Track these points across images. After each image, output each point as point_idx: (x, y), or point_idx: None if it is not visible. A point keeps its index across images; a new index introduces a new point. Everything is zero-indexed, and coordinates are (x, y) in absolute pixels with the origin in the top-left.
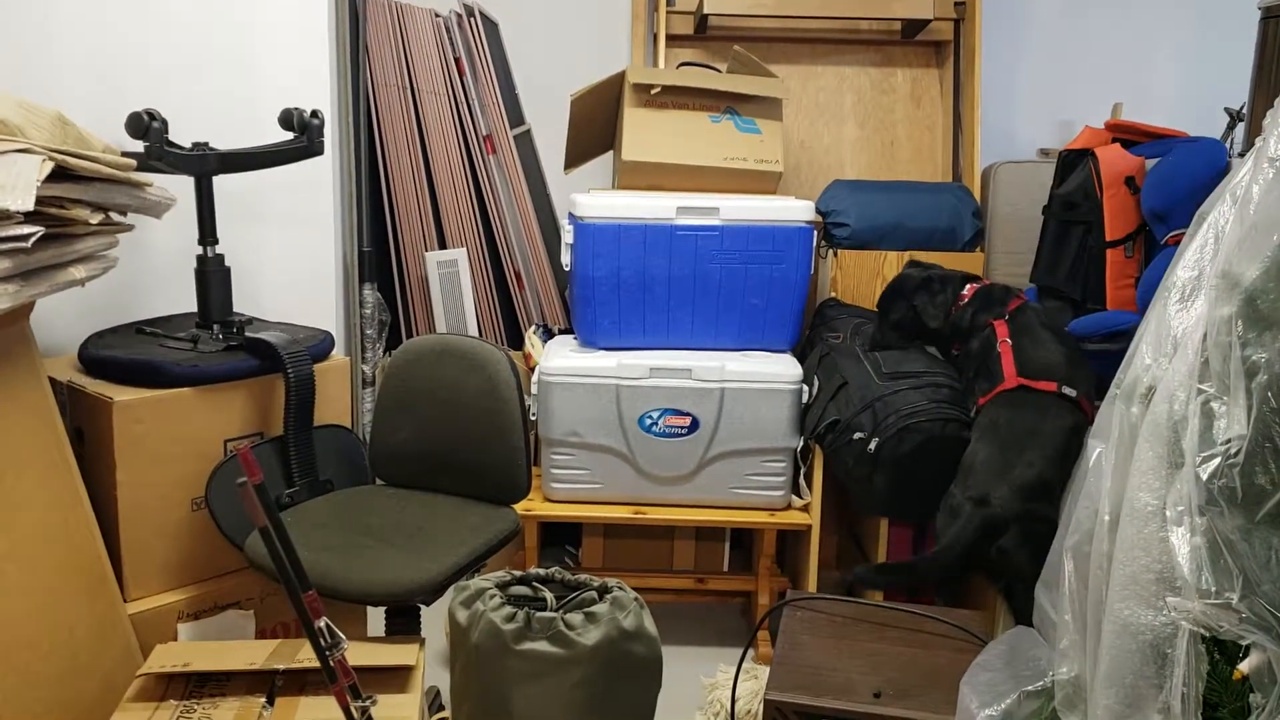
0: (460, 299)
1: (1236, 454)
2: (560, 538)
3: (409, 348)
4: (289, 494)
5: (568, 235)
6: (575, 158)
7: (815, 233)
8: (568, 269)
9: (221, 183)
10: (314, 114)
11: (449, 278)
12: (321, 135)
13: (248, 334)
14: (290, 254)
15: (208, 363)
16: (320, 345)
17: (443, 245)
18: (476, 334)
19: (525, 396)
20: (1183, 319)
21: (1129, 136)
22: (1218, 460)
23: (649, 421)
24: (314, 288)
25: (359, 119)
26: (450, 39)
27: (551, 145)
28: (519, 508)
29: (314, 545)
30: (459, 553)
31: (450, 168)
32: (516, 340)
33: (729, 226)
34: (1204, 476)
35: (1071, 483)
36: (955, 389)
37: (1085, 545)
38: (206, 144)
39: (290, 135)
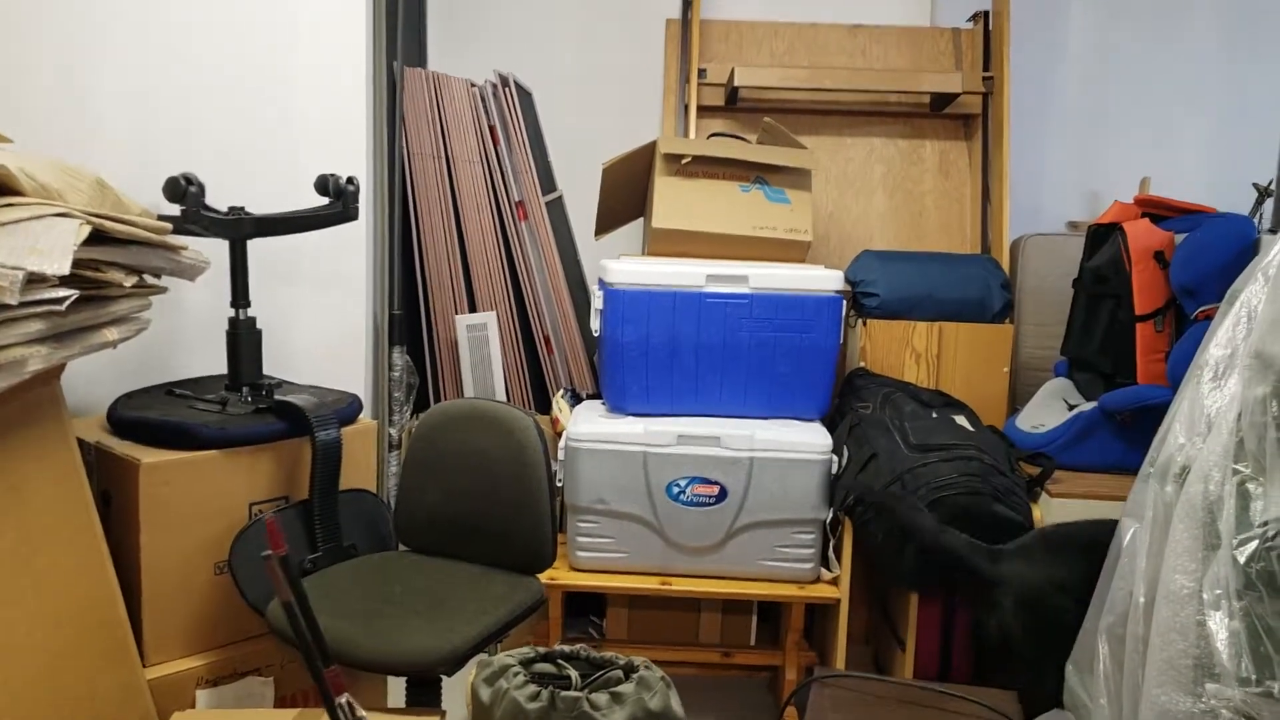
0: (489, 362)
1: (1275, 536)
2: (586, 608)
3: (436, 411)
4: (311, 559)
5: (597, 301)
6: (606, 224)
7: (844, 302)
8: (597, 334)
9: (257, 245)
10: (349, 180)
11: (478, 341)
12: (356, 201)
13: (276, 397)
14: (322, 316)
15: (235, 425)
16: (348, 409)
17: (473, 309)
18: (505, 398)
19: (552, 462)
20: (1216, 398)
21: (1157, 211)
22: (1255, 543)
23: (676, 490)
24: (344, 350)
25: (394, 185)
26: (485, 108)
27: (583, 211)
28: (543, 577)
29: (336, 612)
30: (482, 623)
31: (482, 233)
32: (544, 404)
33: (758, 295)
34: (1241, 560)
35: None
36: (984, 462)
37: (1120, 627)
38: (242, 208)
39: (325, 200)
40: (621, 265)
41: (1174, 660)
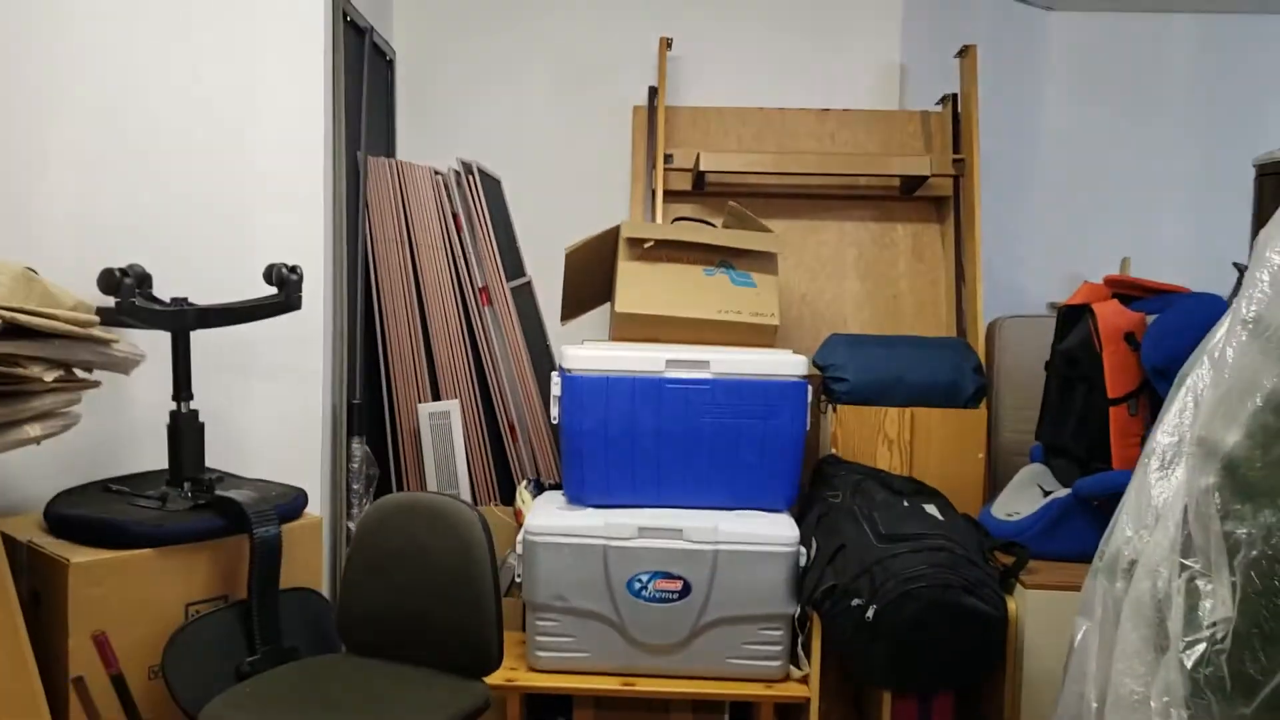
0: (452, 451)
1: (1223, 639)
2: (553, 709)
3: (379, 506)
4: (250, 662)
5: (556, 388)
6: (572, 309)
7: (810, 387)
8: (554, 423)
9: (211, 336)
10: (292, 269)
11: (441, 430)
12: (299, 290)
13: (216, 492)
14: (277, 407)
15: (172, 522)
16: (292, 503)
17: (437, 397)
18: (469, 488)
19: (500, 559)
20: (1163, 488)
21: (1128, 291)
22: (1203, 646)
23: (638, 585)
24: (300, 441)
25: (356, 273)
26: (449, 195)
27: (552, 297)
28: (500, 678)
29: (266, 718)
30: None
31: (445, 319)
32: (510, 495)
33: (720, 380)
34: (1189, 664)
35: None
36: (955, 553)
37: None
38: (185, 299)
39: (273, 290)
40: (579, 351)
41: None
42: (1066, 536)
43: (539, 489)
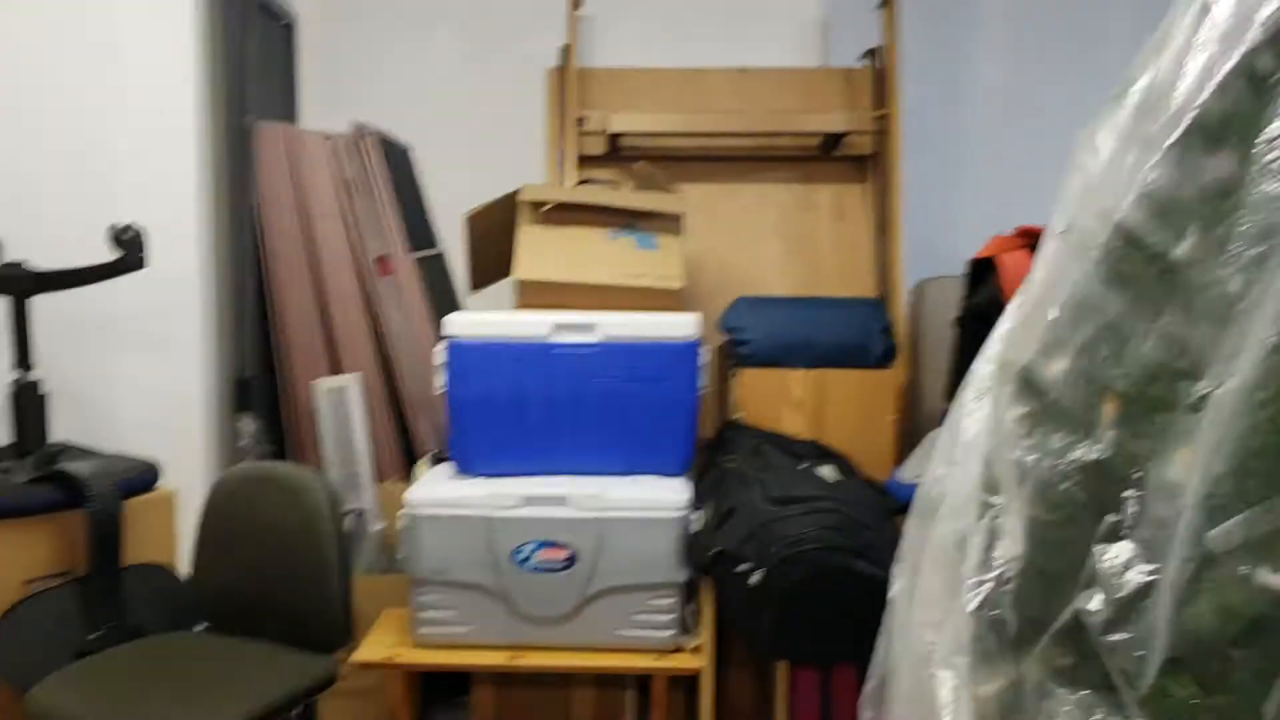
0: (349, 428)
1: (1010, 580)
2: (452, 687)
3: (227, 479)
4: (89, 641)
5: (439, 356)
6: (482, 277)
7: (702, 348)
8: (440, 392)
9: (78, 305)
10: (126, 229)
11: (338, 405)
12: (139, 250)
13: (58, 465)
14: (151, 380)
15: (7, 495)
16: (140, 477)
17: (335, 371)
18: (369, 464)
19: (344, 529)
20: (974, 421)
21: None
22: (989, 587)
23: (523, 556)
24: (177, 417)
25: (245, 242)
26: (340, 160)
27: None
28: (381, 656)
29: (100, 698)
30: (241, 710)
31: (343, 291)
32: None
33: (608, 344)
34: (970, 607)
35: None
36: (847, 515)
37: (878, 693)
38: (20, 263)
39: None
40: (462, 317)
41: None
42: None
43: (440, 464)
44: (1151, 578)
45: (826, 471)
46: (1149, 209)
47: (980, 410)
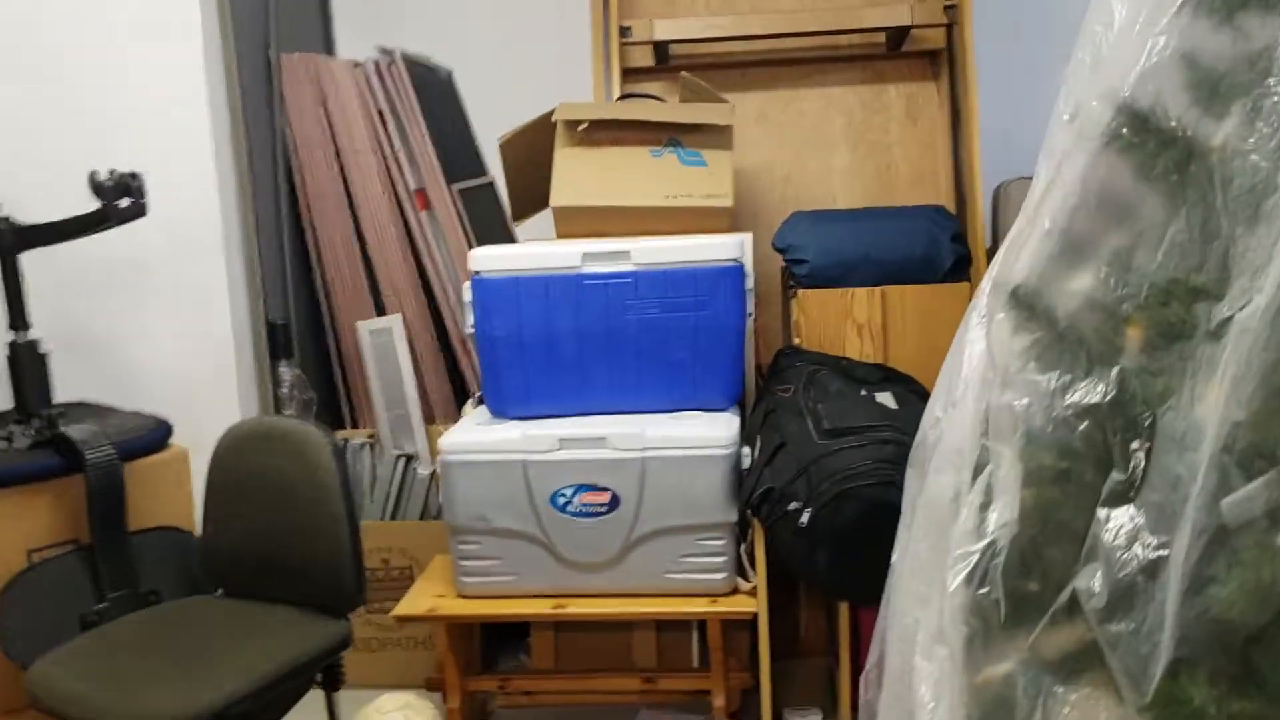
0: (398, 370)
1: (1002, 550)
2: (517, 630)
3: (232, 434)
4: (96, 610)
5: (466, 293)
6: (524, 207)
7: (747, 271)
8: (469, 332)
9: (92, 257)
10: (111, 174)
11: (383, 347)
12: (119, 198)
13: (60, 428)
14: (180, 331)
15: (7, 462)
16: (148, 436)
17: (381, 312)
18: (418, 409)
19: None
20: (977, 350)
21: None
22: (975, 559)
23: (563, 500)
24: (210, 368)
25: (275, 180)
26: (370, 90)
27: None
28: (423, 608)
29: (99, 673)
30: (244, 680)
31: (379, 228)
32: None
33: (644, 272)
34: (953, 583)
35: None
36: (906, 444)
37: (876, 672)
38: (6, 218)
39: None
40: (487, 252)
41: None
42: None
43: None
44: (1160, 553)
45: (886, 398)
46: (1164, 82)
47: (981, 338)
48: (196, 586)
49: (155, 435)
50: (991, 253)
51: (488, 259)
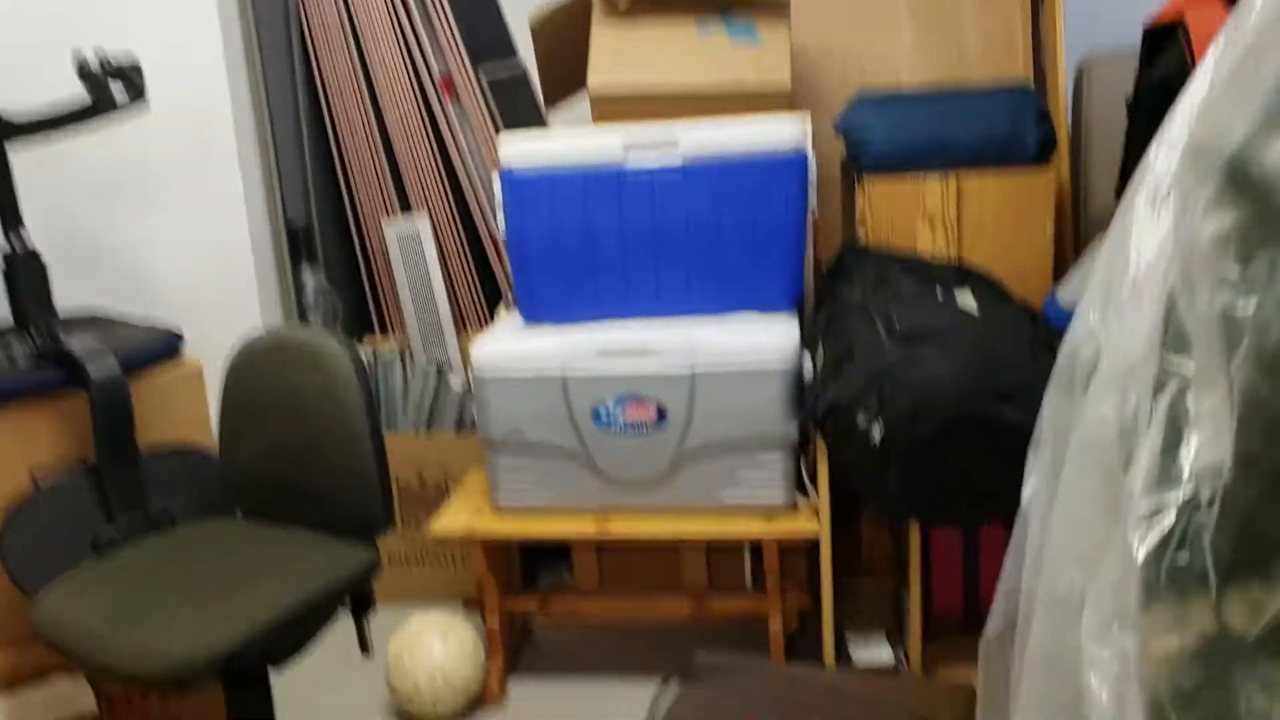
0: (426, 275)
1: (1210, 503)
2: (557, 547)
3: (246, 349)
4: (107, 534)
5: (497, 190)
6: (556, 92)
7: (810, 159)
8: (501, 231)
9: (99, 161)
10: (100, 58)
11: (411, 249)
12: (106, 85)
13: (61, 341)
14: (191, 239)
15: (3, 376)
16: (158, 348)
17: (407, 211)
18: (449, 314)
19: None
20: (1150, 242)
21: None
22: (1172, 517)
23: (605, 415)
24: (228, 274)
25: (291, 71)
26: None
27: None
28: (460, 527)
29: (108, 604)
30: (259, 615)
31: (405, 119)
32: None
33: (694, 164)
34: (1142, 551)
35: None
36: (990, 349)
37: (1003, 639)
38: None
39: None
40: (518, 145)
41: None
42: None
43: None
44: None
45: (966, 298)
46: None
47: (1159, 225)
48: (215, 508)
49: (165, 347)
50: (1075, 139)
51: (519, 152)
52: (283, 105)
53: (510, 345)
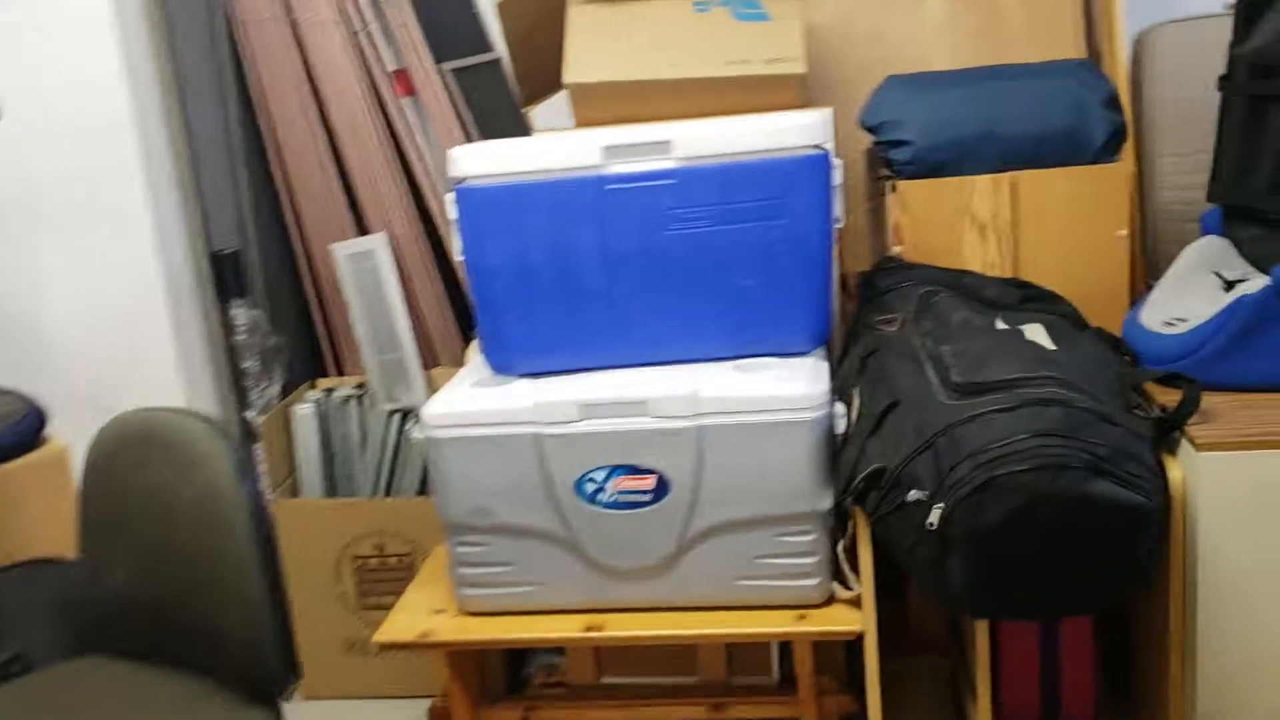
0: (384, 303)
1: None
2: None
3: (107, 434)
4: None
5: (450, 208)
6: (536, 88)
7: (834, 160)
8: (460, 258)
9: None
10: None
11: (366, 274)
12: None
13: None
14: (90, 276)
15: None
16: (7, 432)
17: (363, 232)
18: (412, 349)
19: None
20: None
21: None
22: None
23: (592, 487)
24: (134, 320)
25: (220, 70)
26: None
27: None
28: (416, 633)
29: None
30: None
31: (353, 123)
32: None
33: (691, 169)
34: None
35: None
36: (1074, 404)
37: None
38: None
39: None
40: (475, 151)
41: None
42: (1263, 354)
43: None
44: None
45: (1036, 332)
46: None
47: None
48: (80, 643)
49: (20, 430)
50: (1135, 123)
51: (476, 159)
52: (206, 110)
53: (472, 400)
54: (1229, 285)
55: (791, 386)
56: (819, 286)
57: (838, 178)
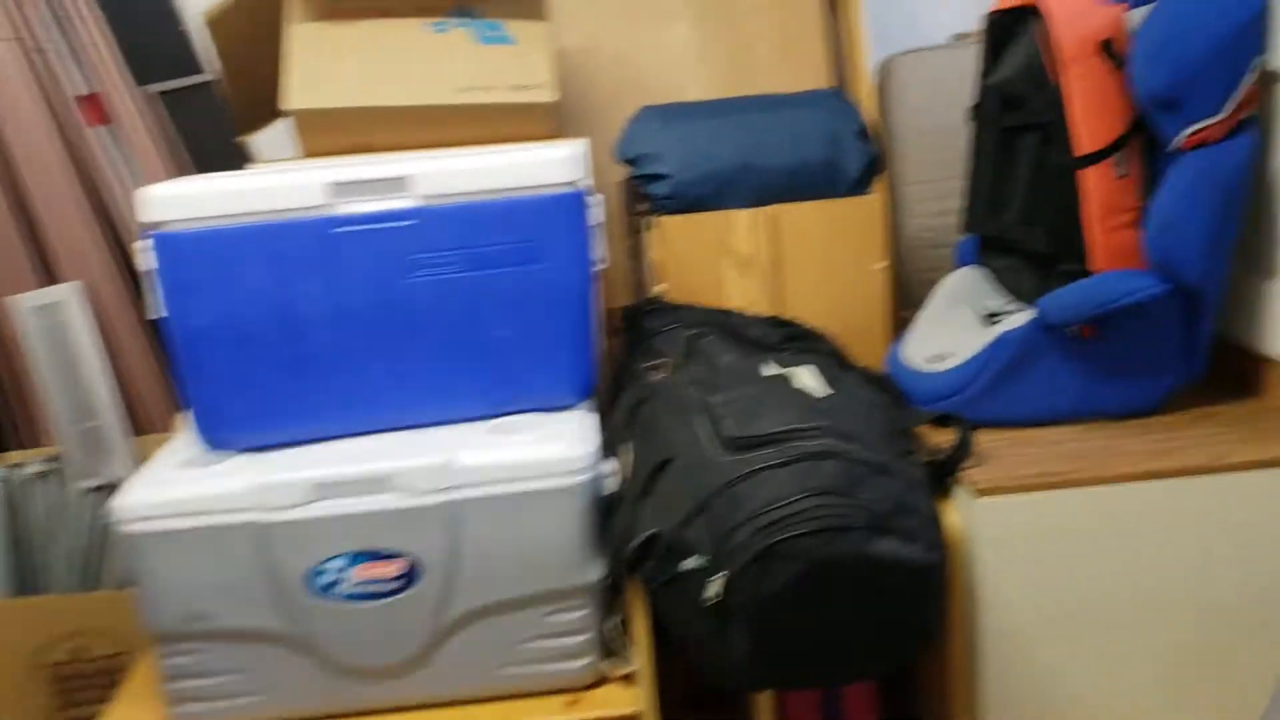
0: (76, 364)
1: None
2: None
3: None
4: None
5: (146, 258)
6: (255, 114)
7: (590, 197)
8: (160, 316)
9: None
10: None
11: (54, 329)
12: None
13: None
14: None
15: None
16: None
17: (51, 281)
18: (125, 415)
19: None
20: None
21: None
22: None
23: (327, 579)
24: None
25: None
26: None
27: None
28: None
29: None
30: None
31: (32, 154)
32: None
33: (432, 208)
34: None
35: None
36: (849, 455)
37: None
38: None
39: None
40: (170, 190)
41: None
42: (1032, 389)
43: None
44: None
45: (806, 377)
46: None
47: None
48: None
49: None
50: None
51: (175, 201)
52: None
53: (178, 484)
54: (991, 317)
55: (553, 448)
56: (581, 335)
57: (597, 216)
